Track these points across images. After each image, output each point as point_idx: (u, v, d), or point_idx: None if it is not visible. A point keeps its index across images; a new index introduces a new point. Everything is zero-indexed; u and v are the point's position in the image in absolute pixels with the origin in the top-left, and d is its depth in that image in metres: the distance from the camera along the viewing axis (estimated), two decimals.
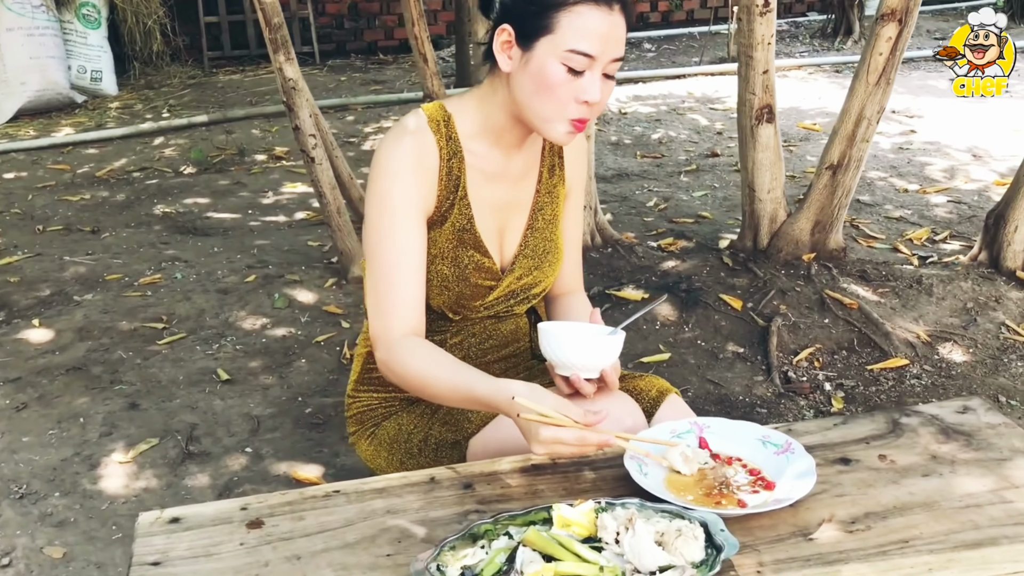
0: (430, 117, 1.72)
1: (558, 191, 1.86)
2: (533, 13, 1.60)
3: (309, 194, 5.36)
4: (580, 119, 1.64)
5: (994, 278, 3.73)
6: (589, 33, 1.58)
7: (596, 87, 1.61)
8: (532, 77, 1.61)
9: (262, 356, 3.42)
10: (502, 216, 1.80)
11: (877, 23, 3.57)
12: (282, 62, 3.52)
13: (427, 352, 1.65)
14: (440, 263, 1.74)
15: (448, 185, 1.72)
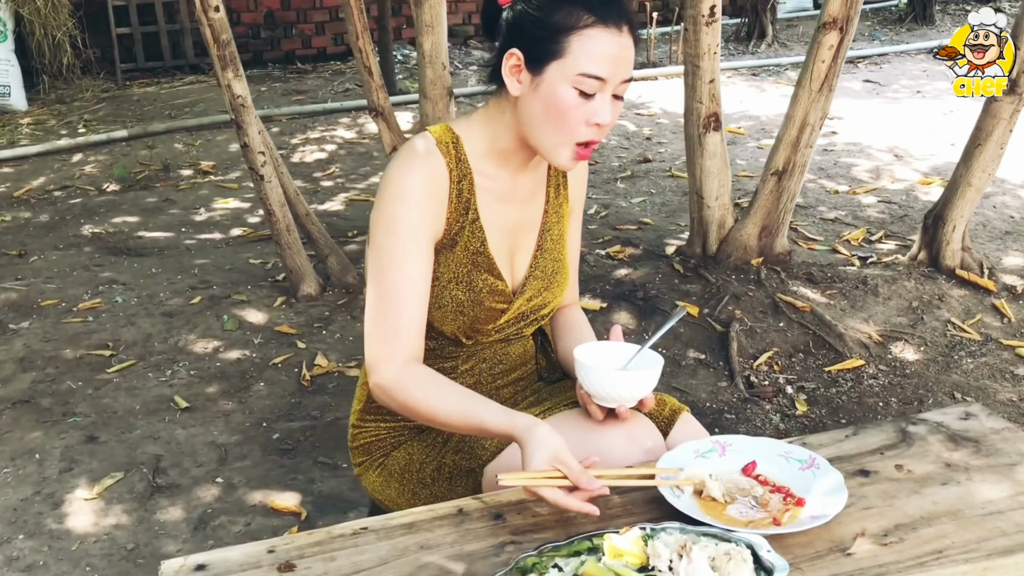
0: (439, 139, 1.70)
1: (563, 210, 1.86)
2: (543, 38, 1.59)
3: (242, 210, 5.26)
4: (589, 142, 1.64)
5: (935, 277, 3.85)
6: (600, 56, 1.58)
7: (607, 109, 1.61)
8: (543, 101, 1.61)
9: (219, 381, 3.34)
10: (513, 238, 1.79)
11: (819, 31, 3.66)
12: (231, 78, 3.43)
13: (432, 380, 1.63)
14: (455, 288, 1.72)
15: (459, 207, 1.70)
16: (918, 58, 8.77)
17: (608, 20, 1.58)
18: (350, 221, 5.00)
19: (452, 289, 1.72)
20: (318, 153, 6.36)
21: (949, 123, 6.58)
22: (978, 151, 3.74)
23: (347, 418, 3.06)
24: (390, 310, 1.64)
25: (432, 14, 3.89)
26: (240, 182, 5.73)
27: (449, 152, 1.69)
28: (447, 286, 1.72)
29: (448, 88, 4.03)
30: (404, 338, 1.64)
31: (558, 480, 1.46)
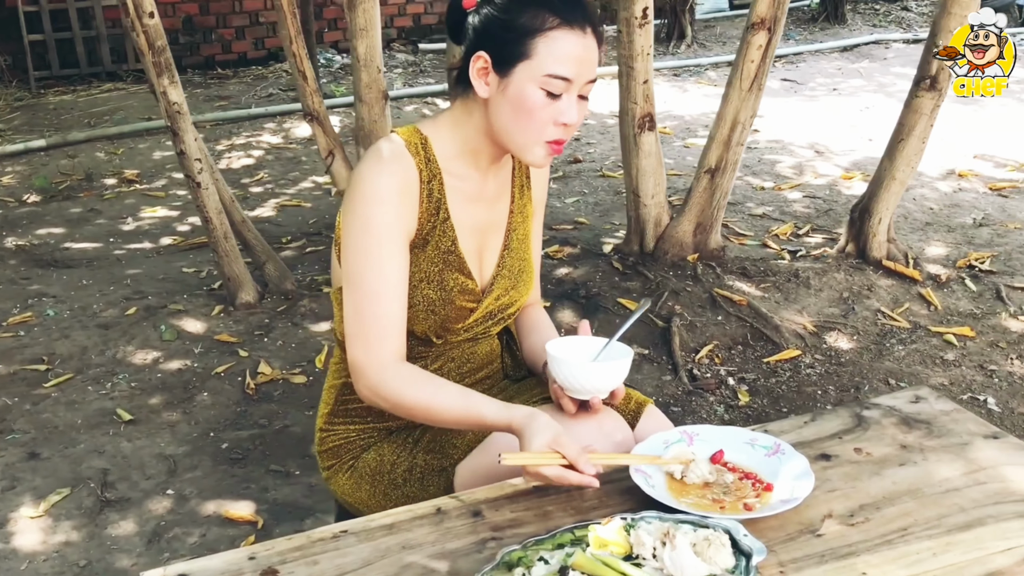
0: (407, 141, 1.71)
1: (528, 210, 1.89)
2: (510, 40, 1.62)
3: (171, 218, 5.18)
4: (557, 140, 1.67)
5: (863, 268, 3.98)
6: (566, 57, 1.61)
7: (574, 109, 1.65)
8: (511, 102, 1.63)
9: (161, 392, 3.29)
10: (481, 237, 1.81)
11: (747, 32, 3.75)
12: (166, 85, 3.38)
13: (424, 378, 1.66)
14: (426, 287, 1.73)
15: (429, 207, 1.71)
16: (832, 56, 9.01)
17: (573, 22, 1.62)
18: (283, 227, 4.95)
19: (424, 289, 1.73)
20: (245, 159, 6.29)
21: (866, 119, 6.79)
22: (901, 146, 3.88)
23: (296, 426, 3.07)
24: (372, 311, 1.64)
25: (366, 18, 3.89)
26: (167, 190, 5.64)
27: (418, 153, 1.70)
28: (418, 286, 1.73)
29: (383, 91, 4.03)
30: (389, 338, 1.65)
31: (558, 460, 1.50)
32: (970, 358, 3.38)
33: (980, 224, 4.65)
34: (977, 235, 4.51)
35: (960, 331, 3.54)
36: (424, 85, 8.11)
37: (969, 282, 3.95)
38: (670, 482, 1.58)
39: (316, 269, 4.30)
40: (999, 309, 3.73)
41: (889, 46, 9.35)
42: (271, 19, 9.26)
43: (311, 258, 4.47)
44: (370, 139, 4.04)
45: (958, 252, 4.29)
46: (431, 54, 9.39)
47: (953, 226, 4.65)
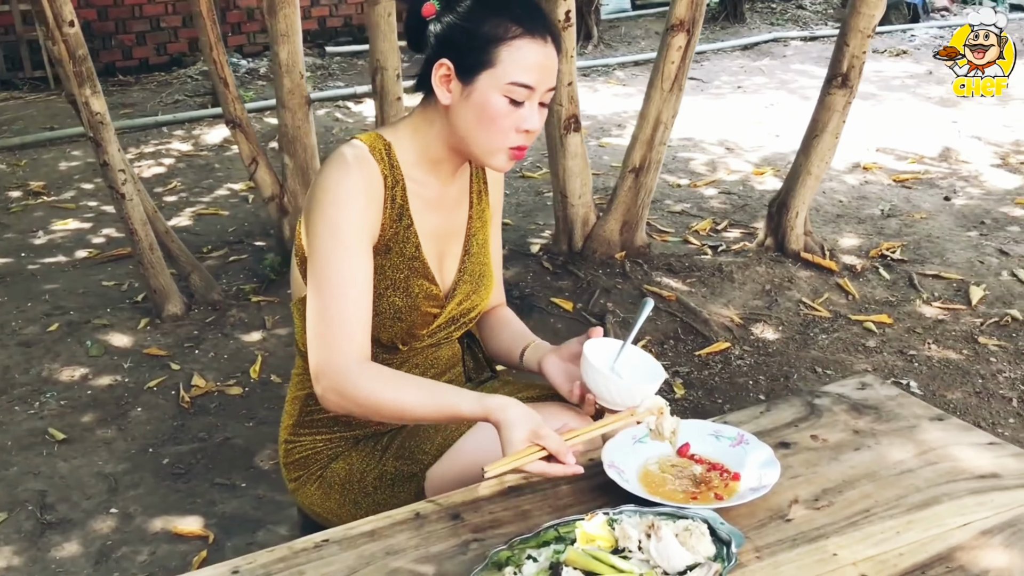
0: (370, 146, 1.72)
1: (486, 215, 1.91)
2: (474, 48, 1.64)
3: (84, 230, 5.04)
4: (520, 147, 1.70)
5: (783, 261, 4.11)
6: (529, 66, 1.64)
7: (535, 116, 1.68)
8: (474, 110, 1.66)
9: (93, 409, 3.21)
10: (441, 244, 1.83)
11: (667, 33, 3.84)
12: (88, 95, 3.30)
13: (392, 375, 1.65)
14: (392, 294, 1.74)
15: (393, 213, 1.72)
16: (734, 55, 9.24)
17: (535, 31, 1.64)
18: (202, 237, 4.87)
19: (390, 296, 1.74)
20: (156, 168, 6.16)
21: (771, 116, 6.99)
22: (816, 141, 4.02)
23: (237, 438, 3.04)
24: (337, 313, 1.63)
25: (287, 23, 3.87)
26: (77, 202, 5.49)
27: (383, 159, 1.71)
28: (384, 293, 1.74)
29: (306, 96, 4.01)
30: (354, 339, 1.63)
31: (539, 454, 1.52)
32: (890, 344, 3.53)
33: (888, 215, 4.84)
34: (886, 225, 4.69)
35: (878, 319, 3.69)
36: (334, 88, 8.04)
37: (883, 271, 4.11)
38: (643, 476, 1.63)
39: (241, 278, 4.24)
40: (913, 296, 3.89)
41: (788, 44, 9.63)
42: (172, 24, 9.09)
43: (235, 267, 4.41)
44: (294, 145, 4.02)
45: (870, 242, 4.46)
46: (338, 57, 9.32)
47: (863, 217, 4.83)
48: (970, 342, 3.52)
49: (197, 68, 8.81)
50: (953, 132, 6.31)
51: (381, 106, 3.94)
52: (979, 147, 5.99)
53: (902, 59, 8.79)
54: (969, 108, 7.01)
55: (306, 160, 4.04)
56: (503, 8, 1.65)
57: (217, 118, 7.19)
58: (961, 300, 3.85)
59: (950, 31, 9.99)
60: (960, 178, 5.45)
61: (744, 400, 3.20)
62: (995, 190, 5.22)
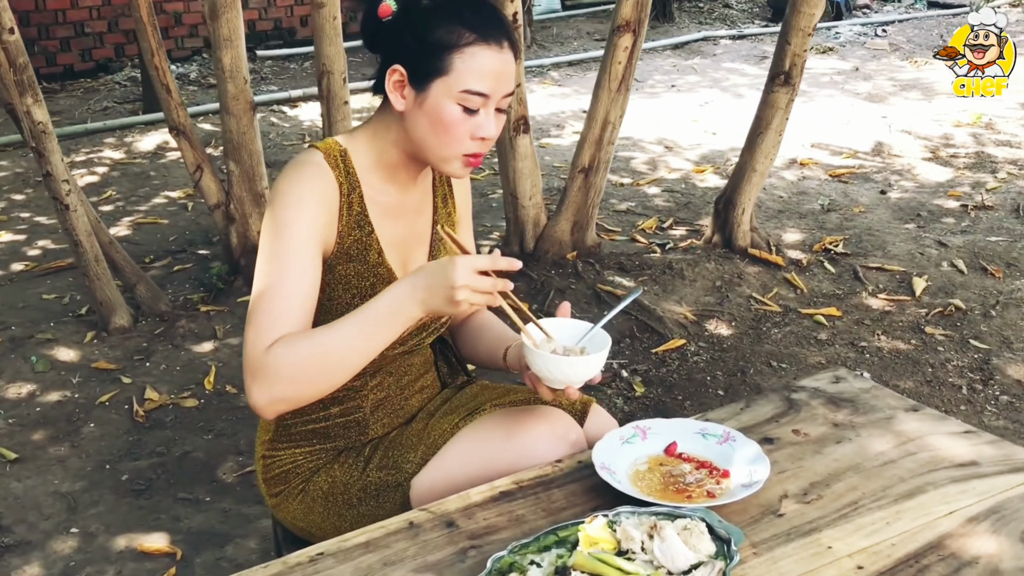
0: (326, 152, 1.69)
1: (452, 219, 1.90)
2: (426, 55, 1.61)
3: (18, 243, 4.91)
4: (475, 154, 1.68)
5: (731, 257, 4.16)
6: (483, 73, 1.61)
7: (491, 123, 1.65)
8: (428, 117, 1.63)
9: (43, 427, 3.13)
10: (405, 250, 1.81)
11: (614, 34, 3.86)
12: (30, 105, 3.21)
13: (302, 334, 1.57)
14: (359, 303, 1.72)
15: (350, 221, 1.70)
16: (665, 54, 9.35)
17: (489, 38, 1.61)
18: (143, 246, 4.77)
19: (357, 304, 1.72)
20: (89, 177, 6.01)
21: (707, 114, 7.08)
22: (760, 139, 4.08)
23: (197, 451, 2.99)
24: (267, 306, 1.58)
25: (230, 27, 3.82)
26: (8, 213, 5.33)
27: (337, 165, 1.69)
28: (351, 303, 1.72)
29: (250, 102, 3.96)
30: (276, 332, 1.56)
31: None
32: (841, 336, 3.60)
33: (828, 209, 4.94)
34: (827, 220, 4.79)
35: (827, 312, 3.76)
36: (267, 93, 7.93)
37: (827, 265, 4.20)
38: (634, 476, 1.64)
39: (187, 288, 4.16)
40: (858, 289, 3.98)
41: (717, 42, 9.77)
42: (98, 29, 8.88)
43: (180, 277, 4.32)
44: (240, 152, 3.95)
45: (812, 237, 4.54)
46: (270, 60, 9.21)
47: (804, 212, 4.92)
48: (917, 332, 3.61)
49: (125, 74, 8.63)
50: (883, 127, 6.47)
51: (328, 110, 3.90)
52: (910, 141, 6.15)
53: (828, 56, 8.98)
54: (897, 103, 7.19)
55: (252, 166, 3.98)
56: (456, 14, 1.62)
57: (149, 124, 7.06)
58: (905, 291, 3.95)
59: (872, 28, 10.24)
60: (894, 172, 5.59)
61: (704, 396, 3.24)
62: (928, 183, 5.36)
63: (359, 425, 1.82)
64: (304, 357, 1.54)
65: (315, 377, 1.56)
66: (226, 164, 4.01)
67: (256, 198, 4.01)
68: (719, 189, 5.09)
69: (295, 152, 6.42)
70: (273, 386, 1.55)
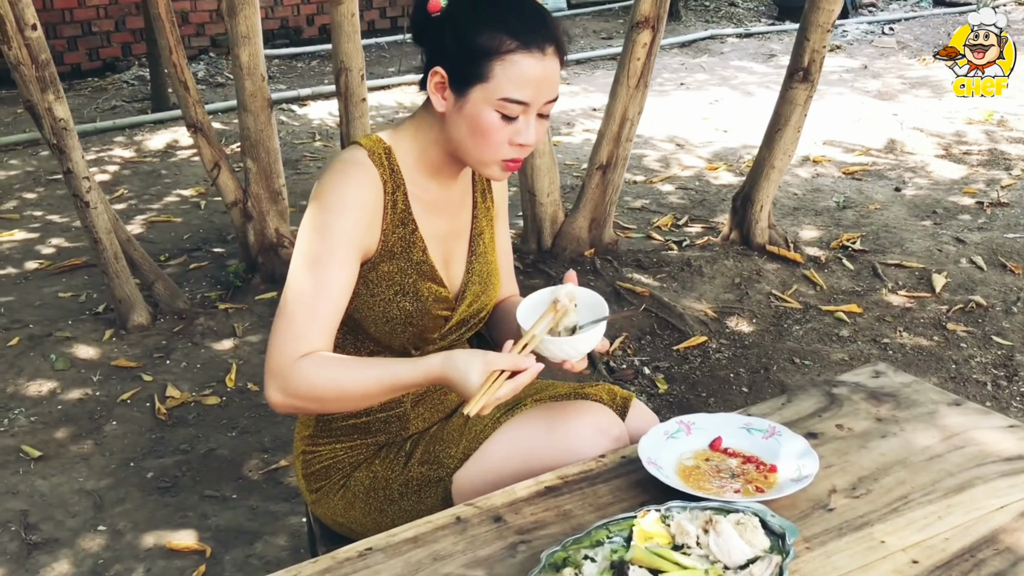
0: (371, 151, 1.69)
1: (491, 214, 1.89)
2: (467, 60, 1.60)
3: (32, 241, 4.89)
4: (514, 159, 1.67)
5: (749, 254, 4.15)
6: (523, 81, 1.58)
7: (531, 130, 1.63)
8: (467, 122, 1.62)
9: (66, 424, 3.12)
10: (447, 245, 1.80)
11: (632, 30, 3.85)
12: (51, 101, 3.20)
13: (330, 359, 1.59)
14: (402, 299, 1.71)
15: (395, 219, 1.69)
16: (673, 52, 9.32)
17: (531, 45, 1.58)
18: (157, 244, 4.76)
19: (399, 301, 1.71)
20: (100, 176, 5.98)
21: (717, 112, 7.07)
22: (778, 135, 4.07)
23: (222, 448, 2.98)
24: (296, 312, 1.60)
25: (248, 25, 3.81)
26: (20, 212, 5.32)
27: (382, 163, 1.68)
28: (393, 299, 1.71)
29: (268, 99, 3.95)
30: (304, 339, 1.58)
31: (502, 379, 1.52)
32: (863, 333, 3.59)
33: (844, 207, 4.93)
34: (843, 217, 4.78)
35: (849, 308, 3.75)
36: (276, 92, 7.90)
37: (846, 262, 4.19)
38: (680, 471, 1.62)
39: (204, 286, 4.15)
40: (878, 286, 3.97)
41: (724, 41, 9.75)
42: (105, 28, 8.86)
43: (196, 275, 4.31)
44: (257, 149, 3.94)
45: (829, 234, 4.53)
46: (276, 60, 9.19)
47: (819, 210, 4.91)
48: (939, 329, 3.60)
49: (132, 73, 8.61)
50: (895, 124, 6.45)
51: (346, 107, 3.89)
52: (922, 139, 6.13)
53: (837, 54, 8.96)
54: (908, 101, 7.18)
55: (269, 164, 3.97)
56: (499, 19, 1.59)
57: (159, 123, 7.05)
58: (925, 288, 3.94)
59: (879, 26, 10.23)
60: (907, 169, 5.58)
61: (728, 393, 3.23)
62: (943, 180, 5.35)
63: (400, 420, 1.81)
64: (324, 385, 1.58)
65: (328, 403, 1.63)
66: (243, 162, 4.00)
67: (273, 196, 4.00)
68: (733, 186, 5.10)
69: (305, 151, 6.42)
70: (289, 396, 1.59)
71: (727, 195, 5.04)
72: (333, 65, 3.91)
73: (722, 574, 1.33)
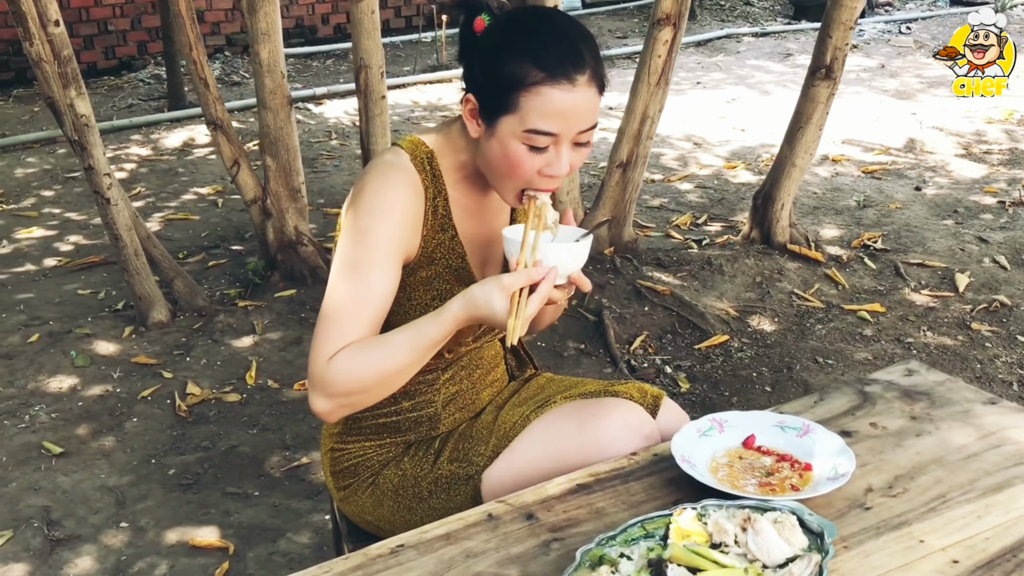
0: (412, 154, 1.66)
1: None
2: (494, 91, 1.56)
3: (50, 238, 4.90)
4: (545, 189, 1.62)
5: (770, 253, 4.13)
6: (551, 113, 1.53)
7: (562, 160, 1.58)
8: (495, 151, 1.59)
9: (86, 421, 3.11)
10: (484, 251, 1.78)
11: (654, 27, 3.83)
12: (73, 97, 3.20)
13: (358, 346, 1.56)
14: (439, 305, 1.67)
15: (435, 224, 1.67)
16: (688, 52, 9.29)
17: (559, 75, 1.53)
18: (176, 242, 4.76)
19: (436, 307, 1.69)
20: (118, 173, 5.98)
21: (734, 111, 7.04)
22: (800, 133, 4.04)
23: (243, 446, 2.97)
24: (337, 323, 1.57)
25: (268, 22, 3.81)
26: (38, 209, 5.33)
27: (424, 168, 1.66)
28: (431, 304, 1.69)
29: (288, 96, 3.94)
30: (341, 341, 1.56)
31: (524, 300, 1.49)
32: (886, 333, 3.56)
33: (864, 205, 4.90)
34: (864, 216, 4.75)
35: (871, 308, 3.72)
36: (292, 90, 7.90)
37: (868, 261, 4.16)
38: (713, 470, 1.61)
39: (223, 283, 4.15)
40: (900, 285, 3.94)
41: (740, 40, 9.71)
42: (121, 27, 8.88)
43: (215, 272, 4.31)
44: (276, 147, 3.94)
45: (850, 233, 4.50)
46: (292, 59, 9.19)
47: (839, 209, 4.88)
48: (963, 328, 3.57)
49: (148, 71, 8.63)
50: (914, 123, 6.41)
51: (365, 104, 3.88)
52: (941, 138, 6.10)
53: (854, 53, 8.91)
54: (926, 100, 7.14)
55: (289, 161, 3.97)
56: (527, 49, 1.54)
57: (175, 122, 7.06)
58: (948, 287, 3.91)
59: (896, 25, 10.18)
60: (927, 168, 5.54)
61: (750, 392, 3.21)
62: (963, 179, 5.31)
63: (430, 420, 1.80)
64: (362, 373, 1.56)
65: (374, 390, 1.59)
66: (262, 159, 3.99)
67: (292, 193, 4.00)
68: (752, 185, 5.08)
69: (322, 150, 6.41)
70: (334, 398, 1.57)
71: (746, 194, 5.02)
72: (352, 62, 3.90)
73: (761, 573, 1.31)
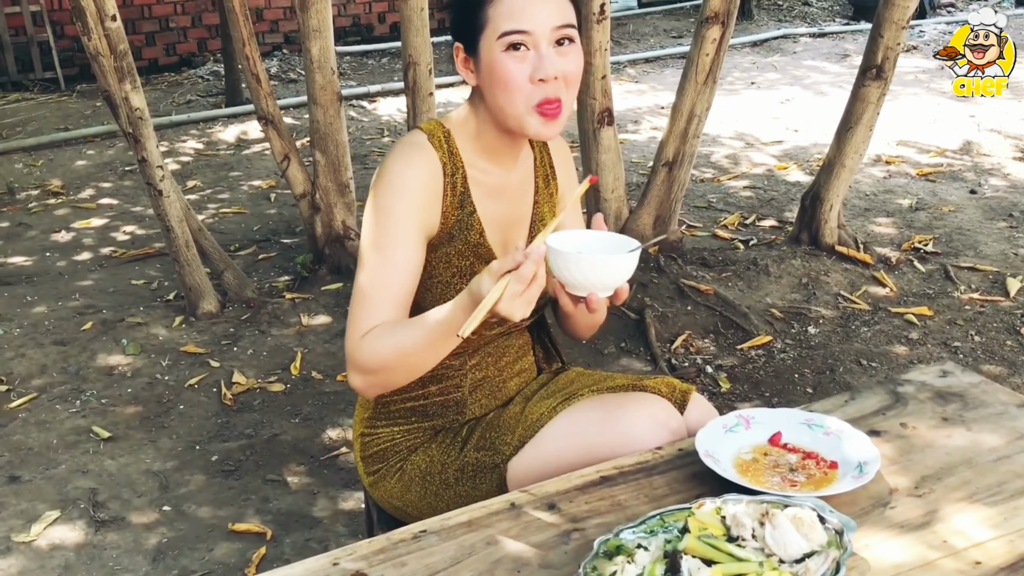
0: (430, 134, 1.71)
1: (554, 200, 1.89)
2: (467, 17, 1.63)
3: (108, 228, 5.02)
4: (546, 101, 1.61)
5: (817, 254, 4.09)
6: (516, 11, 1.59)
7: (548, 61, 1.59)
8: (487, 77, 1.63)
9: (135, 407, 3.19)
10: (506, 231, 1.80)
11: (702, 25, 3.82)
12: (128, 91, 3.28)
13: (387, 328, 1.60)
14: (459, 282, 1.72)
15: (454, 202, 1.71)
16: (744, 52, 9.22)
17: None
18: (228, 235, 4.84)
19: (457, 284, 1.72)
20: (173, 167, 6.11)
21: (788, 111, 6.97)
22: (849, 134, 4.00)
23: (285, 434, 3.02)
24: (365, 295, 1.63)
25: (319, 19, 3.85)
26: (95, 200, 5.47)
27: (441, 147, 1.70)
28: (451, 281, 1.72)
29: (337, 93, 3.99)
30: (372, 319, 1.61)
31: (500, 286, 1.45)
32: (932, 336, 3.51)
33: (916, 208, 4.83)
34: (915, 219, 4.68)
35: (919, 311, 3.67)
36: (346, 88, 8.01)
37: (917, 264, 4.10)
38: (737, 465, 1.61)
39: (272, 276, 4.22)
40: (950, 288, 3.88)
41: (797, 40, 9.61)
42: (182, 24, 9.06)
43: (264, 265, 4.38)
44: (326, 142, 3.99)
45: (901, 235, 4.44)
46: (348, 57, 9.29)
47: (891, 211, 4.82)
48: (1013, 333, 3.51)
49: (208, 68, 8.78)
50: (972, 126, 6.30)
51: (413, 102, 3.91)
52: (999, 141, 5.98)
53: (912, 55, 8.78)
54: (985, 102, 6.99)
55: (338, 157, 4.02)
56: None
57: (232, 118, 7.18)
58: (999, 292, 3.84)
59: (957, 26, 9.99)
60: (983, 171, 5.44)
61: (792, 393, 3.18)
62: (1020, 183, 5.21)
63: (457, 405, 1.82)
64: (386, 353, 1.60)
65: (397, 369, 1.62)
66: (312, 154, 4.05)
67: (341, 188, 4.05)
68: (803, 185, 5.03)
69: (374, 147, 6.48)
70: (365, 375, 1.63)
71: (796, 194, 4.97)
72: (402, 59, 3.94)
73: (777, 567, 1.31)
